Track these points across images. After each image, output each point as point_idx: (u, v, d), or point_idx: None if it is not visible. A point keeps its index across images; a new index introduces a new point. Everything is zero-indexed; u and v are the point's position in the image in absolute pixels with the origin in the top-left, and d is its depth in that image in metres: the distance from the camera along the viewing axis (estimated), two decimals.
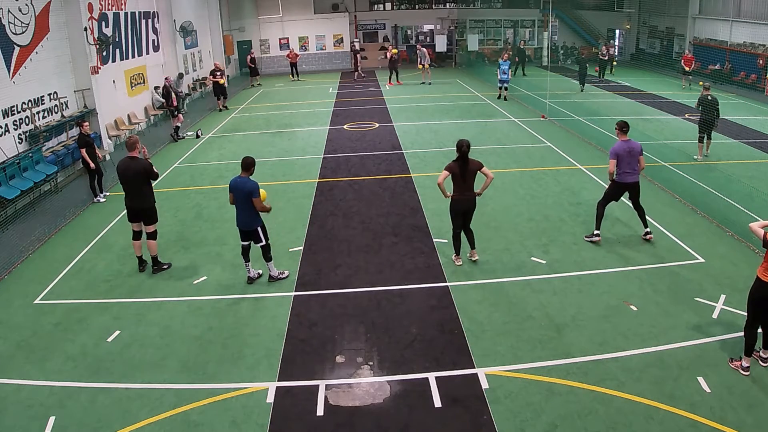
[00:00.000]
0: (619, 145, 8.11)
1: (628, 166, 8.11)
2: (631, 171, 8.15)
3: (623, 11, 32.45)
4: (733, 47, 24.35)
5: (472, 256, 7.91)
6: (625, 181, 8.21)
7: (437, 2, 33.33)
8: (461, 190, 7.46)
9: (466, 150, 7.29)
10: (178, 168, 13.30)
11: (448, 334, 6.31)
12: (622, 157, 8.05)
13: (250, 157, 7.24)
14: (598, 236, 8.45)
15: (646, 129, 15.27)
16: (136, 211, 7.77)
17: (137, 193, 7.69)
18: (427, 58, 24.80)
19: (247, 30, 30.66)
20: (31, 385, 5.64)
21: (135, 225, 7.85)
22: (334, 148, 14.44)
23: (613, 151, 8.12)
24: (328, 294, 7.28)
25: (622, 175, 8.17)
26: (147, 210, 7.79)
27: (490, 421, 4.99)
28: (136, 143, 7.65)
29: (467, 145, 7.31)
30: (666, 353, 5.83)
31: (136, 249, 7.96)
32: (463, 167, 7.34)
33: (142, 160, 7.72)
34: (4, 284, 7.85)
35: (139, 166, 7.59)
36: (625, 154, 8.05)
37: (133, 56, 17.45)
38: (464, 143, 7.31)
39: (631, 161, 8.09)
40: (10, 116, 11.06)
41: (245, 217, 7.25)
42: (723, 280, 7.29)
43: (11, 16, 11.20)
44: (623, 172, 8.14)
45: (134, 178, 7.59)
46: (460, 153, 7.32)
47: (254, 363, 5.91)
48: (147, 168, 7.63)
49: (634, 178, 8.22)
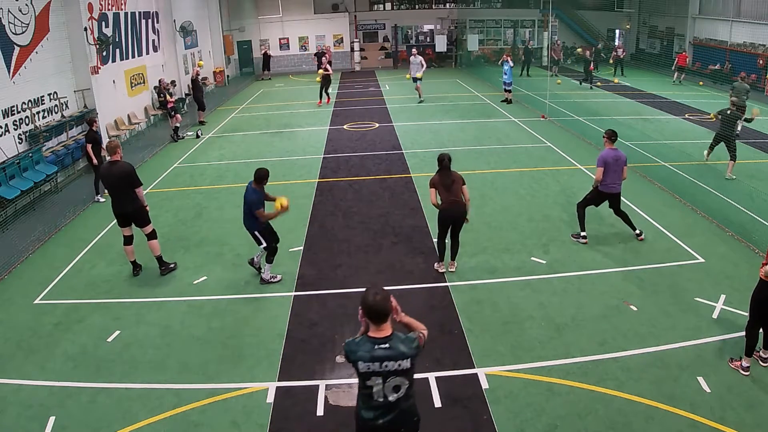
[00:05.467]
0: (607, 153, 8.09)
1: (614, 174, 8.08)
2: (616, 181, 8.14)
3: (623, 11, 32.47)
4: (733, 47, 24.36)
5: (451, 266, 7.73)
6: (609, 191, 8.22)
7: (437, 2, 33.34)
8: (447, 199, 7.36)
9: (447, 163, 7.35)
10: (178, 168, 13.30)
11: (448, 334, 6.31)
12: (609, 165, 8.01)
13: (263, 170, 7.23)
14: (584, 238, 8.46)
15: (646, 129, 15.28)
16: (125, 216, 7.66)
17: (123, 196, 7.54)
18: (421, 68, 19.91)
19: (247, 30, 30.66)
20: (31, 385, 5.64)
21: (125, 230, 7.73)
22: (334, 148, 14.44)
23: (601, 158, 8.07)
24: (328, 294, 7.28)
25: (606, 185, 8.17)
26: (135, 212, 7.66)
27: (490, 421, 4.99)
28: (117, 147, 7.53)
29: (448, 159, 7.38)
30: (666, 353, 5.83)
31: (129, 254, 7.84)
32: (445, 178, 7.33)
33: (123, 163, 7.61)
34: (4, 284, 7.85)
35: (121, 169, 7.48)
36: (612, 161, 8.02)
37: (133, 56, 17.45)
38: (445, 156, 7.40)
39: (617, 170, 8.07)
40: (10, 116, 11.06)
41: (245, 220, 7.34)
42: (723, 280, 7.29)
43: (11, 16, 11.20)
44: (609, 182, 8.12)
45: (118, 181, 7.46)
46: (441, 166, 7.38)
47: (254, 363, 5.91)
48: (129, 171, 7.52)
49: (617, 189, 8.23)
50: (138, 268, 7.94)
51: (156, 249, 7.87)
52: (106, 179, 7.62)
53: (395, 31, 32.97)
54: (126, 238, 7.78)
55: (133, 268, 7.93)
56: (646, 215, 9.41)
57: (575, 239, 8.55)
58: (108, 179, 7.58)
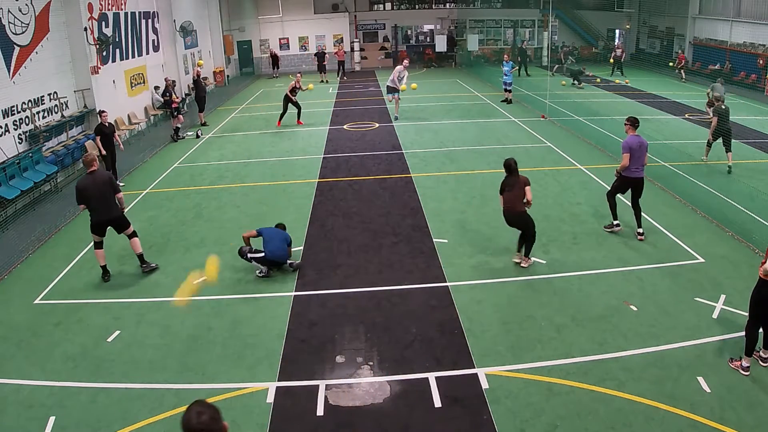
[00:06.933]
0: (631, 139, 8.21)
1: (637, 161, 8.20)
2: (639, 166, 8.26)
3: (623, 11, 32.47)
4: (733, 47, 24.37)
5: (525, 262, 7.83)
6: (633, 176, 8.31)
7: (437, 2, 33.33)
8: (503, 204, 7.59)
9: (514, 167, 7.47)
10: (178, 168, 13.30)
11: (448, 334, 6.31)
12: (634, 150, 8.12)
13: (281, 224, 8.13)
14: (618, 225, 8.69)
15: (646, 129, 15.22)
16: (111, 221, 7.69)
17: (106, 204, 7.57)
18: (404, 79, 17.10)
19: (247, 30, 30.66)
20: (31, 385, 5.64)
21: (97, 236, 7.71)
22: (334, 148, 14.43)
23: (626, 144, 8.17)
24: (328, 294, 7.28)
25: (630, 171, 8.26)
26: (118, 218, 7.76)
27: (490, 421, 4.99)
28: (93, 160, 7.62)
29: (515, 162, 7.51)
30: (666, 353, 5.83)
31: (100, 258, 7.79)
32: (507, 181, 7.49)
33: (101, 171, 7.71)
34: (4, 284, 7.85)
35: (102, 177, 7.56)
36: (636, 147, 8.13)
37: (133, 56, 17.45)
38: (512, 161, 7.52)
39: (640, 156, 8.19)
40: (10, 116, 11.06)
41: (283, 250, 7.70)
42: (723, 280, 7.29)
43: (11, 16, 11.20)
44: (633, 167, 8.23)
45: (102, 189, 7.49)
46: (509, 171, 7.48)
47: (254, 363, 5.91)
48: (109, 178, 7.64)
49: (640, 174, 8.33)
50: (108, 274, 7.85)
51: (138, 247, 7.94)
52: (90, 190, 7.49)
53: (395, 31, 32.97)
54: (97, 243, 7.76)
55: (102, 273, 7.84)
56: (646, 215, 9.37)
57: (608, 230, 8.77)
58: (92, 189, 7.50)
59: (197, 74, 17.55)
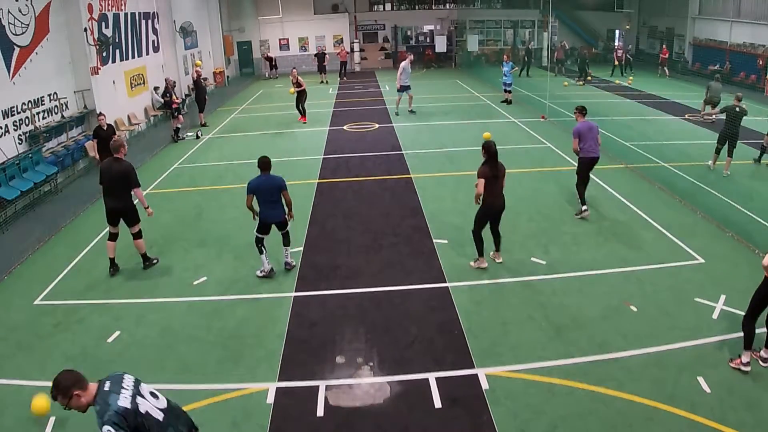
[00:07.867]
0: (581, 125, 9.27)
1: (591, 141, 9.21)
2: (593, 147, 9.24)
3: (623, 11, 32.49)
4: (733, 47, 24.38)
5: (497, 257, 7.89)
6: (589, 155, 9.23)
7: (437, 3, 33.36)
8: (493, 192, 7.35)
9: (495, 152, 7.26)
10: (178, 168, 13.30)
11: (448, 334, 6.30)
12: (584, 134, 9.18)
13: (266, 156, 7.56)
14: (586, 210, 9.26)
15: (647, 130, 15.30)
16: (118, 212, 7.77)
17: (120, 194, 7.69)
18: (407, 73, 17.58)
19: (247, 30, 30.69)
20: (31, 385, 5.63)
21: (113, 227, 7.82)
22: (334, 149, 14.43)
23: (576, 130, 9.26)
24: (328, 294, 7.28)
25: (586, 150, 9.21)
26: (129, 211, 7.81)
27: (490, 422, 4.98)
28: (120, 146, 7.71)
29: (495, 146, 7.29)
30: (666, 353, 5.83)
31: (110, 250, 7.89)
32: (495, 170, 7.28)
33: (125, 162, 7.75)
34: (4, 285, 7.85)
35: (123, 167, 7.64)
36: (586, 131, 9.21)
37: (133, 57, 17.45)
38: (492, 144, 7.27)
39: (593, 137, 9.23)
40: (10, 117, 11.05)
41: (278, 209, 7.50)
42: (723, 280, 7.29)
43: (11, 16, 11.20)
44: (588, 147, 9.20)
45: (118, 177, 7.60)
46: (489, 155, 7.27)
47: (254, 363, 5.91)
48: (130, 170, 7.68)
49: (596, 153, 9.30)
50: (115, 267, 7.96)
51: (142, 247, 8.02)
52: (105, 174, 7.70)
53: (395, 31, 32.99)
54: (112, 234, 7.87)
55: (110, 266, 7.95)
56: (646, 215, 9.41)
57: (578, 216, 9.29)
58: (107, 174, 7.68)
59: (198, 75, 17.54)
